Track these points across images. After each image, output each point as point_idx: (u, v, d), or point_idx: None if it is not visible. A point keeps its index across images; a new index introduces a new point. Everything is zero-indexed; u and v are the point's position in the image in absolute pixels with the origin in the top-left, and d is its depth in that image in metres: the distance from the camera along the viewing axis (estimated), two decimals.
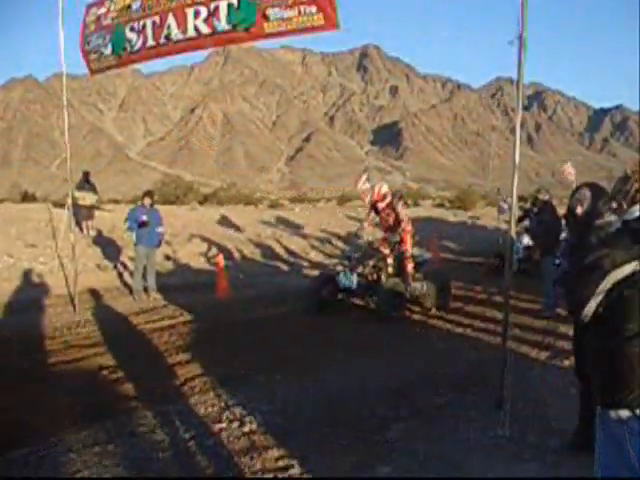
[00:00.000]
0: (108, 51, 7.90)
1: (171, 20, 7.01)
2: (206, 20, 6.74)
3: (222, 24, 6.64)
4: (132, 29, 7.50)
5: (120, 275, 12.52)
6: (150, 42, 7.36)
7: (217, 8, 6.70)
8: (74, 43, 8.35)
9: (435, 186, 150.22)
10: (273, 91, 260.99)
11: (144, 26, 7.34)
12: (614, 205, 2.78)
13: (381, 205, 9.37)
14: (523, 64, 4.81)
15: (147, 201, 10.53)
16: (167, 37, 7.13)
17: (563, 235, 8.55)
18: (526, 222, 11.44)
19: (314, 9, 6.20)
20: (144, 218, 10.13)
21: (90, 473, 3.88)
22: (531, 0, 4.74)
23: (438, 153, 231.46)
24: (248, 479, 3.75)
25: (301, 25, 6.22)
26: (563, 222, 7.56)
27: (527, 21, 4.74)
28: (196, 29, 6.84)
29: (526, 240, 12.02)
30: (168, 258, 14.26)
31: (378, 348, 7.23)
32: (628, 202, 2.49)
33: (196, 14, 6.81)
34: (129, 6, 7.56)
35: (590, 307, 2.26)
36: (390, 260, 9.26)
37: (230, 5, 6.62)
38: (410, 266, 9.30)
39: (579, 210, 4.27)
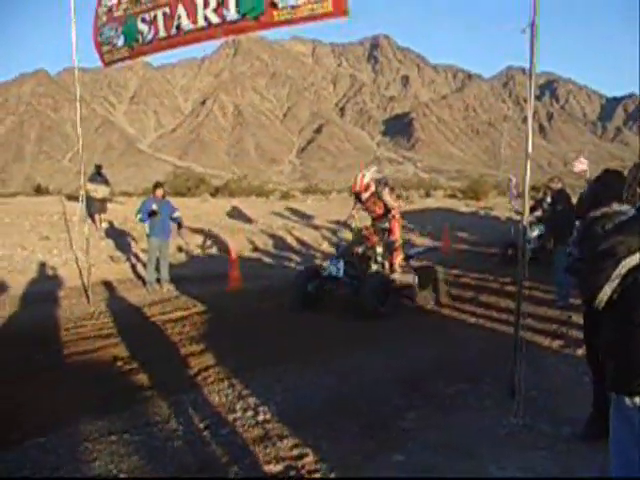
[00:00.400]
0: (120, 42, 7.95)
1: (181, 10, 7.04)
2: (215, 10, 6.75)
3: (231, 13, 6.64)
4: (143, 20, 7.53)
5: (133, 267, 12.61)
6: (161, 33, 7.39)
7: None
8: (85, 36, 8.38)
9: (447, 176, 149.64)
10: (284, 82, 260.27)
11: (155, 17, 7.37)
12: (625, 195, 2.74)
13: (365, 195, 9.04)
14: (535, 52, 4.76)
15: (159, 192, 10.65)
16: (178, 28, 7.16)
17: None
18: (538, 212, 11.41)
19: None
20: (153, 207, 10.22)
21: (106, 462, 3.92)
22: None
23: (450, 143, 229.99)
24: (256, 479, 3.76)
25: (310, 13, 6.18)
26: None
27: (539, 7, 4.70)
28: (206, 19, 6.85)
29: (537, 230, 11.94)
30: (180, 249, 14.36)
31: (392, 338, 7.23)
32: None
33: (205, 4, 6.82)
34: None
35: (604, 294, 2.25)
36: (379, 249, 8.80)
37: None
38: (399, 258, 9.03)
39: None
